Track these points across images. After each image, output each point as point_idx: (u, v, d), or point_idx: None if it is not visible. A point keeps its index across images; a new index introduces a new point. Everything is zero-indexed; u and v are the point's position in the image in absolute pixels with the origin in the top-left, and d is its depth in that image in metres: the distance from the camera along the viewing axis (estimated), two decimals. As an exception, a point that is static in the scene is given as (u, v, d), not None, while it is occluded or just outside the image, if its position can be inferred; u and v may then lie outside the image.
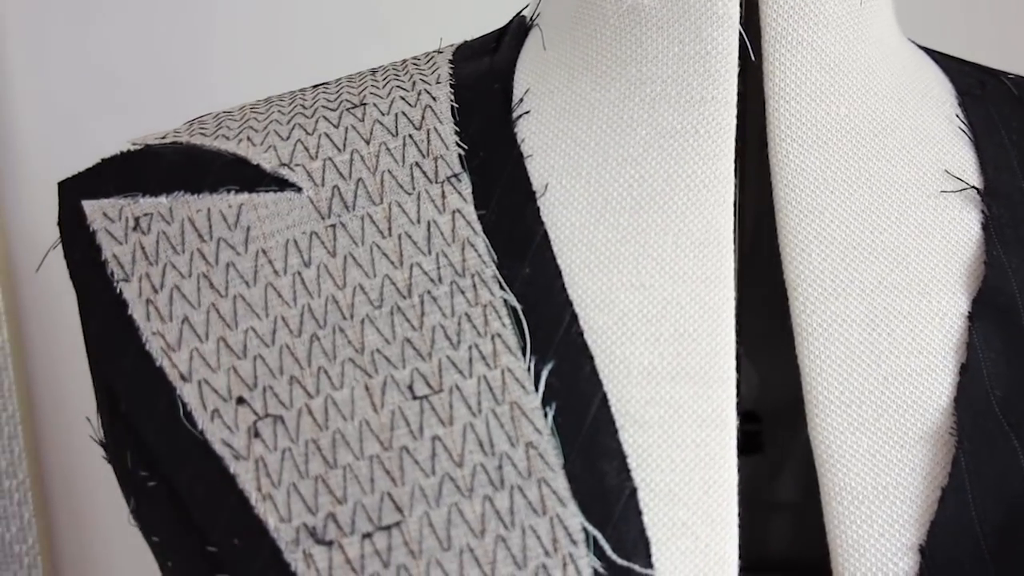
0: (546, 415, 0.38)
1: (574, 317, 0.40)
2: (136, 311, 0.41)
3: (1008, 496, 0.39)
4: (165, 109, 0.61)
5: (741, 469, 0.53)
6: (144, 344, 0.41)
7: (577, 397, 0.38)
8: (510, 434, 0.37)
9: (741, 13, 0.42)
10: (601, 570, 0.36)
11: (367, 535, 0.37)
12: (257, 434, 0.39)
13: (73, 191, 0.44)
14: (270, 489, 0.38)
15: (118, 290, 0.42)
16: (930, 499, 0.39)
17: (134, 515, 0.43)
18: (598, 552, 0.36)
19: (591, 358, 0.39)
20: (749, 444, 0.56)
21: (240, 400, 0.39)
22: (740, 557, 0.39)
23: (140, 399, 0.41)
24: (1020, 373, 0.41)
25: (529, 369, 0.38)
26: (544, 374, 0.38)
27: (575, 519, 0.36)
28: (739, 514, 0.52)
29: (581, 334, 0.39)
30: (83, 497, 1.00)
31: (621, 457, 0.38)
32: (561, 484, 0.37)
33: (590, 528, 0.36)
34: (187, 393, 0.40)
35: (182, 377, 0.40)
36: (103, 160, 0.45)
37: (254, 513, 0.38)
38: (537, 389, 0.38)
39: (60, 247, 0.44)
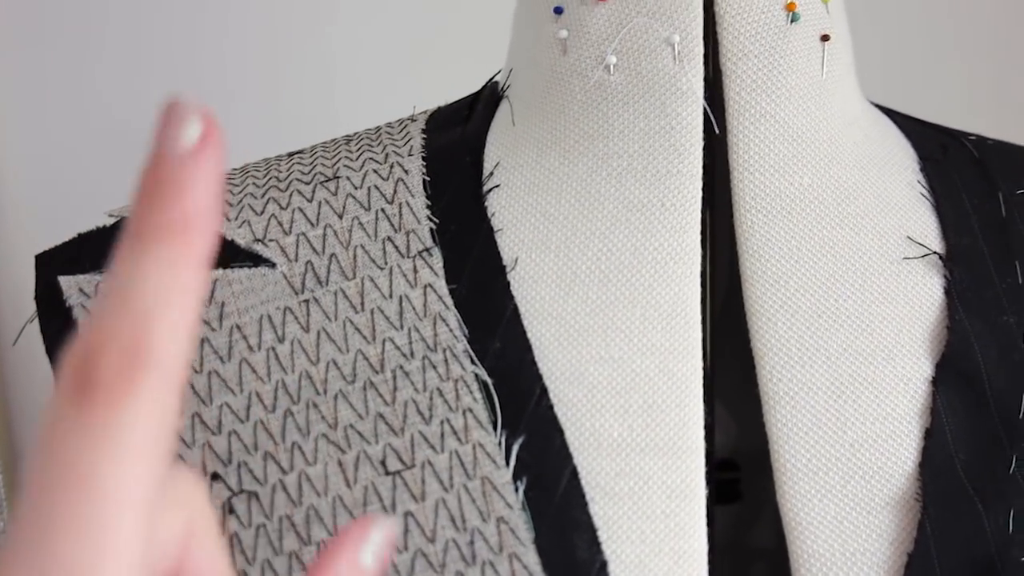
0: (517, 489, 0.38)
1: (544, 391, 0.40)
2: None
3: (973, 560, 0.40)
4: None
5: (721, 517, 0.54)
6: None
7: (548, 471, 0.39)
8: (482, 509, 0.38)
9: (705, 88, 0.42)
10: None
11: None
12: (232, 510, 0.39)
13: (49, 266, 0.45)
14: (244, 565, 0.38)
15: None
16: (897, 564, 0.40)
17: None
18: None
19: (561, 431, 0.40)
20: (729, 492, 0.56)
21: (215, 476, 0.40)
22: None
23: None
24: (983, 437, 0.42)
25: (500, 444, 0.39)
26: (515, 449, 0.39)
27: None
28: (719, 561, 0.52)
29: (551, 407, 0.40)
30: None
31: (592, 530, 0.39)
32: (532, 559, 0.37)
33: None
34: None
35: None
36: (80, 235, 0.46)
37: None
38: (508, 464, 0.39)
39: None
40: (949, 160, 0.48)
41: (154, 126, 0.21)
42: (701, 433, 0.41)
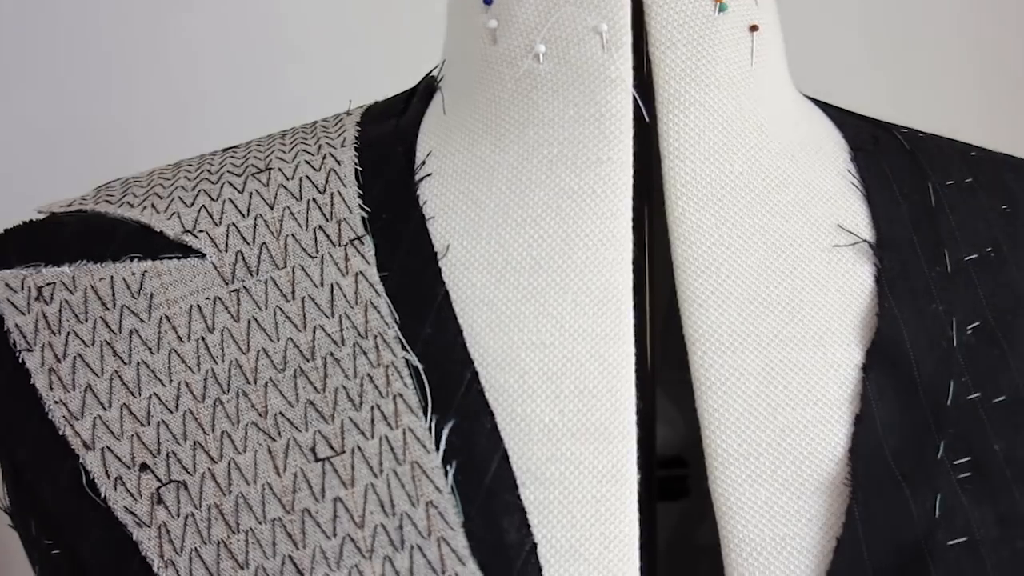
0: (447, 474, 0.38)
1: (475, 375, 0.40)
2: (38, 380, 0.41)
3: (900, 545, 0.40)
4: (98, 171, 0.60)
5: (669, 514, 0.54)
6: (47, 413, 0.41)
7: (478, 454, 0.39)
8: (411, 494, 0.38)
9: (635, 77, 0.43)
10: None
11: None
12: (160, 500, 0.39)
13: None
14: (172, 555, 0.38)
15: (20, 360, 0.42)
16: (826, 549, 0.40)
17: None
18: None
19: (492, 415, 0.40)
20: (677, 489, 0.56)
21: (143, 467, 0.39)
22: None
23: (42, 468, 0.41)
24: (912, 423, 0.42)
25: (430, 428, 0.39)
26: (445, 432, 0.39)
27: None
28: (665, 559, 0.52)
29: (482, 392, 0.40)
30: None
31: (521, 513, 0.38)
32: (460, 542, 0.37)
33: None
34: (90, 461, 0.40)
35: (85, 445, 0.40)
36: (6, 230, 0.45)
37: None
38: (438, 448, 0.38)
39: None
40: (880, 150, 0.49)
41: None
42: (632, 418, 0.41)
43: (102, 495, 0.39)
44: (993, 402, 0.44)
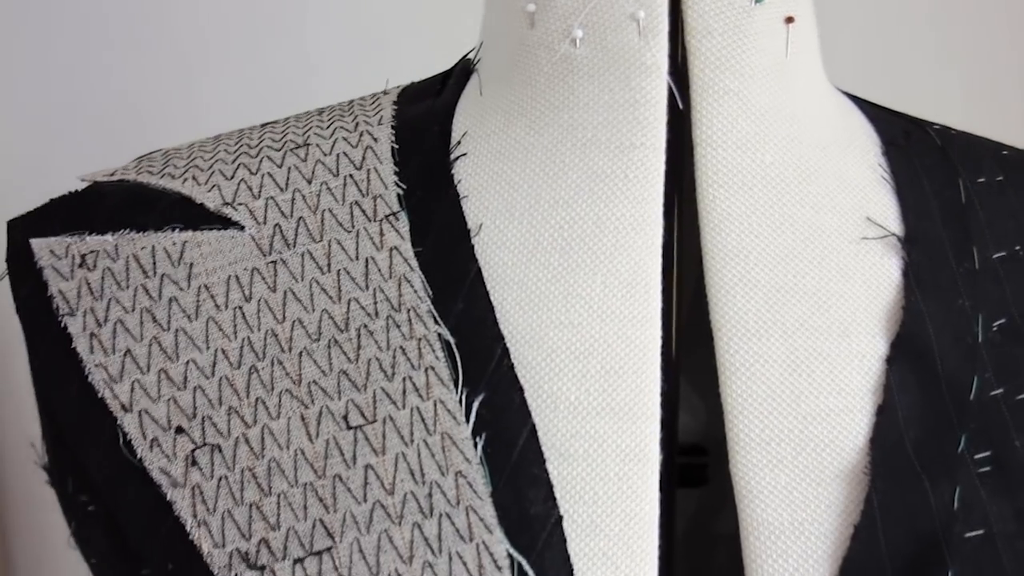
0: (476, 445, 0.39)
1: (505, 351, 0.41)
2: (80, 344, 0.42)
3: (918, 535, 0.41)
4: (132, 145, 0.62)
5: (688, 501, 0.54)
6: (87, 376, 0.42)
7: (507, 428, 0.40)
8: (440, 463, 0.39)
9: (671, 64, 0.43)
10: None
11: (298, 560, 0.38)
12: (194, 462, 0.40)
13: (21, 229, 0.45)
14: (205, 516, 0.39)
15: (63, 324, 0.43)
16: (843, 536, 0.41)
17: (74, 537, 0.44)
18: None
19: (521, 390, 0.40)
20: (696, 476, 0.57)
21: (179, 430, 0.41)
22: None
23: (82, 428, 0.42)
24: (933, 416, 0.43)
25: (461, 401, 0.40)
26: (475, 405, 0.40)
27: (500, 546, 0.38)
28: (682, 546, 0.53)
29: (512, 367, 0.41)
30: (37, 493, 1.00)
31: (548, 487, 0.39)
32: (488, 512, 0.38)
33: (515, 555, 0.38)
34: (127, 423, 0.41)
35: (123, 407, 0.41)
36: (52, 199, 0.46)
37: (189, 539, 0.39)
38: (468, 420, 0.39)
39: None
40: (911, 146, 0.49)
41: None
42: (657, 399, 0.42)
43: (138, 456, 0.40)
44: (1016, 399, 0.44)
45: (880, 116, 0.51)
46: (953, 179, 0.49)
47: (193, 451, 0.40)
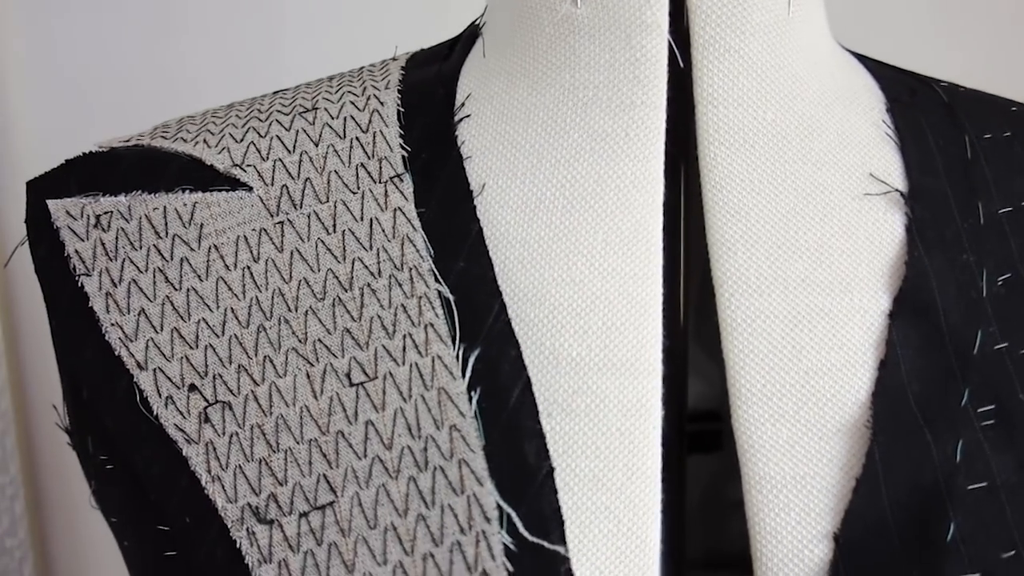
0: (471, 399, 0.40)
1: (503, 307, 0.41)
2: (96, 303, 0.43)
3: (920, 488, 0.41)
4: (159, 111, 0.62)
5: (701, 469, 0.55)
6: (104, 335, 0.43)
7: (501, 382, 0.40)
8: (436, 418, 0.39)
9: (671, 22, 0.44)
10: (512, 547, 0.38)
11: (304, 514, 0.39)
12: (207, 419, 0.41)
13: (39, 191, 0.46)
14: (219, 471, 0.40)
15: (80, 284, 0.44)
16: (845, 489, 0.41)
17: (95, 496, 0.45)
18: (511, 529, 0.38)
19: (517, 345, 0.41)
20: (710, 443, 0.57)
21: (192, 387, 0.41)
22: (690, 552, 0.41)
23: (100, 387, 0.43)
24: (936, 370, 0.43)
25: (457, 356, 0.40)
26: (471, 360, 0.40)
27: (490, 497, 0.38)
28: (696, 514, 0.53)
29: (508, 323, 0.41)
30: (75, 491, 1.02)
31: (541, 439, 0.40)
32: (479, 464, 0.39)
33: (504, 506, 0.38)
34: (143, 381, 0.42)
35: (138, 366, 0.42)
36: (67, 161, 0.47)
37: (204, 493, 0.40)
38: (464, 375, 0.40)
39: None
40: (917, 102, 0.49)
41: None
42: (658, 355, 0.42)
43: (154, 413, 0.41)
44: (1020, 352, 0.44)
45: (885, 73, 0.51)
46: (959, 135, 0.48)
47: (205, 408, 0.41)
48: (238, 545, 0.39)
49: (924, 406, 0.42)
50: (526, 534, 0.38)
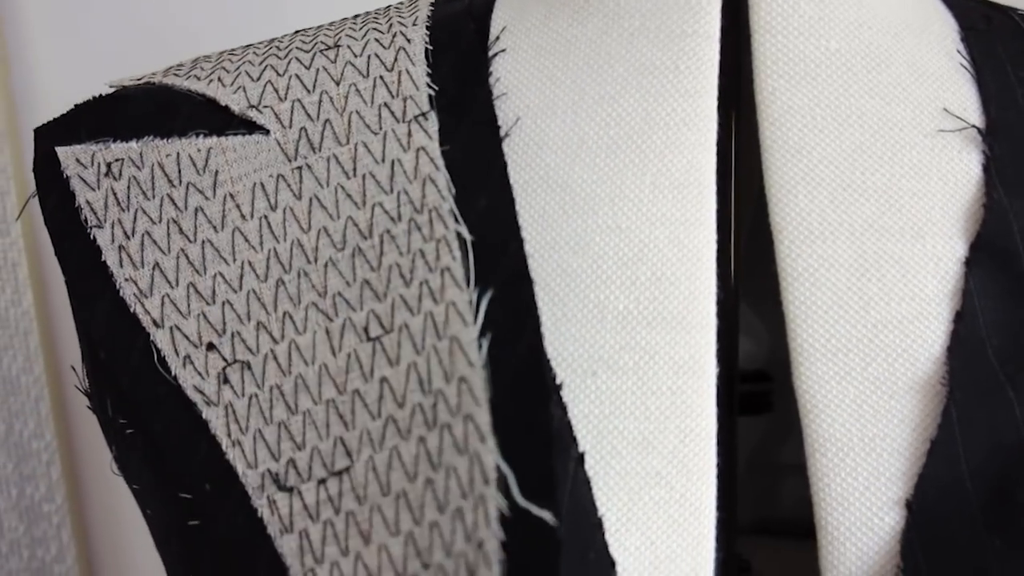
0: (481, 347, 0.36)
1: (520, 243, 0.38)
2: (109, 257, 0.41)
3: (1001, 450, 0.38)
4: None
5: (749, 431, 0.52)
6: (118, 290, 0.41)
7: (512, 326, 0.37)
8: (447, 370, 0.36)
9: (724, -59, 0.40)
10: (506, 512, 0.34)
11: (321, 481, 0.36)
12: (226, 380, 0.38)
13: (47, 138, 0.44)
14: (239, 435, 0.38)
15: (92, 236, 0.41)
16: (918, 452, 0.38)
17: (116, 462, 0.43)
18: (507, 493, 0.34)
19: (531, 283, 0.37)
20: (759, 403, 0.54)
21: (210, 346, 0.39)
22: (738, 517, 0.38)
23: (116, 345, 0.40)
24: (1017, 322, 0.39)
25: (471, 301, 0.37)
26: (483, 304, 0.37)
27: (490, 456, 0.34)
28: (747, 477, 0.50)
29: (524, 259, 0.38)
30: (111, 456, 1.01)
31: (552, 391, 0.36)
32: (483, 419, 0.35)
33: (503, 465, 0.34)
34: (160, 339, 0.39)
35: (154, 323, 0.40)
36: (76, 106, 0.45)
37: (225, 459, 0.38)
38: (476, 321, 0.36)
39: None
40: (993, 30, 0.45)
41: None
42: (712, 308, 0.39)
43: (172, 373, 0.39)
44: None
45: (957, 0, 0.47)
46: None
47: (224, 368, 0.39)
48: (259, 514, 0.37)
49: (1005, 360, 0.39)
50: (519, 498, 0.34)
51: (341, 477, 0.36)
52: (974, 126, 0.42)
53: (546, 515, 0.34)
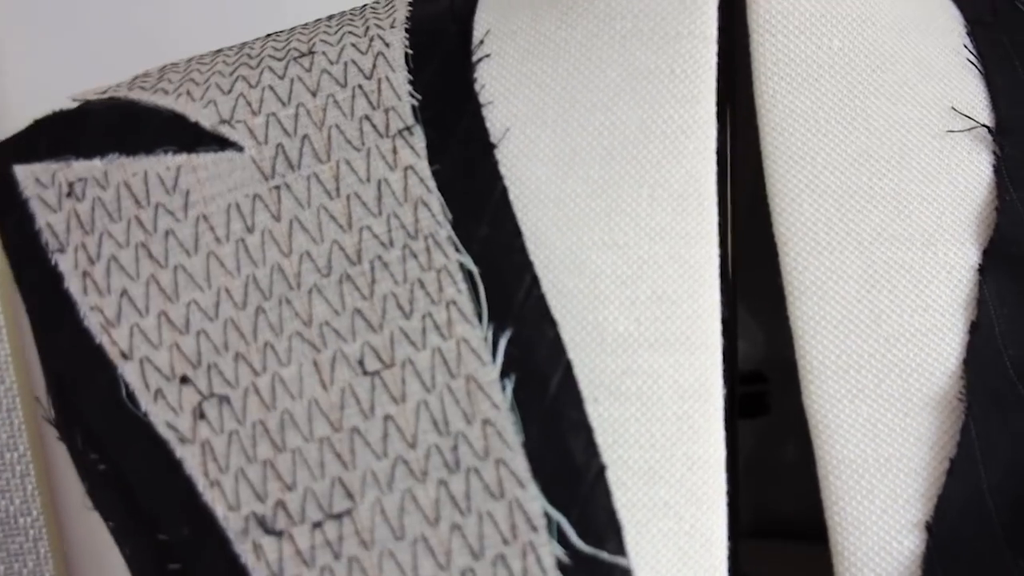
0: (504, 388, 0.35)
1: (535, 280, 0.36)
2: (72, 284, 0.39)
3: (1021, 465, 0.36)
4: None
5: (747, 433, 0.51)
6: (82, 320, 0.38)
7: (539, 367, 0.35)
8: (466, 411, 0.34)
9: (720, -62, 0.38)
10: (564, 559, 0.33)
11: (317, 524, 0.34)
12: (203, 415, 0.36)
13: (4, 155, 0.42)
14: (217, 475, 0.36)
15: (53, 262, 0.39)
16: (937, 471, 0.36)
17: (89, 497, 0.41)
18: (561, 539, 0.33)
19: (554, 324, 0.36)
20: (755, 406, 0.53)
21: (184, 379, 0.37)
22: (739, 526, 0.36)
23: (80, 379, 0.38)
24: None
25: (486, 338, 0.35)
26: (502, 343, 0.35)
27: (535, 503, 0.33)
28: (741, 481, 0.49)
29: (542, 297, 0.36)
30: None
31: (588, 432, 0.35)
32: (520, 464, 0.34)
33: (552, 512, 0.33)
34: (128, 372, 0.37)
35: (123, 355, 0.38)
36: (35, 121, 0.43)
37: (202, 501, 0.36)
38: (495, 360, 0.35)
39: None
40: (1000, 23, 0.44)
41: None
42: (717, 327, 0.37)
43: (142, 409, 0.37)
44: None
45: (962, -9, 0.45)
46: None
47: (200, 403, 0.36)
48: (242, 560, 0.35)
49: (1023, 372, 0.37)
50: (580, 544, 0.33)
51: (341, 520, 0.34)
52: (984, 125, 0.40)
53: (620, 559, 0.34)
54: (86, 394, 0.38)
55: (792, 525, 0.56)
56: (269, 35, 0.45)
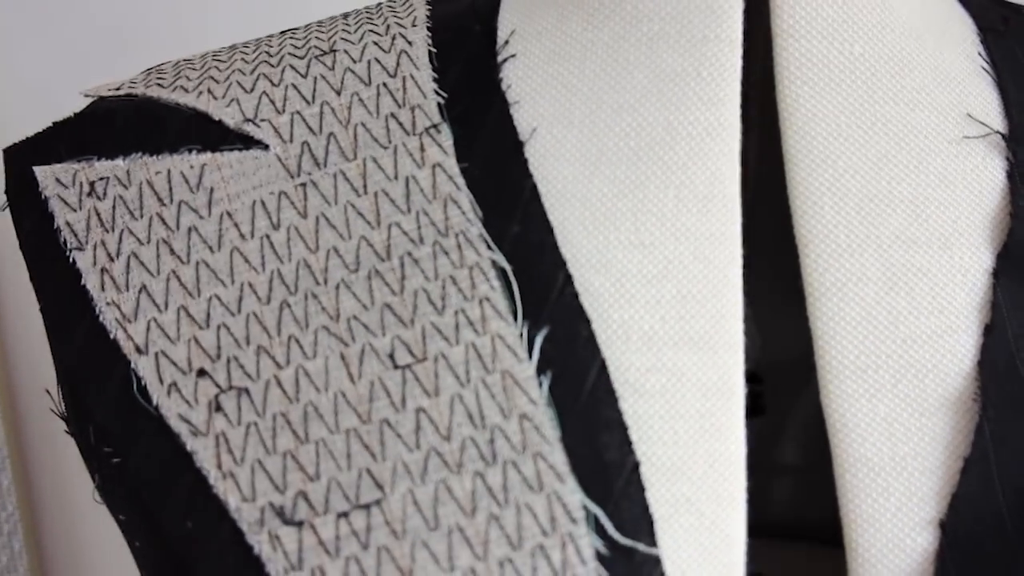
0: (541, 385, 0.35)
1: (568, 278, 0.36)
2: (90, 280, 0.39)
3: None
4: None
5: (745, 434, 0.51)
6: (98, 316, 0.38)
7: (574, 365, 0.36)
8: (502, 405, 0.35)
9: (745, -56, 0.38)
10: (603, 550, 0.33)
11: (343, 514, 0.34)
12: (219, 408, 0.36)
13: (22, 157, 0.41)
14: (232, 466, 0.35)
15: (71, 260, 0.39)
16: (951, 470, 0.37)
17: (99, 492, 0.41)
18: (599, 531, 0.34)
19: (588, 322, 0.36)
20: (752, 407, 0.53)
21: (201, 372, 0.37)
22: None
23: (90, 375, 0.38)
24: None
25: (521, 335, 0.35)
26: (538, 341, 0.35)
27: (575, 496, 0.34)
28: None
29: (576, 296, 0.36)
30: (66, 461, 0.98)
31: (623, 429, 0.35)
32: (559, 458, 0.34)
33: (591, 505, 0.34)
34: (142, 366, 0.37)
35: (137, 349, 0.37)
36: (55, 123, 0.42)
37: (212, 492, 0.35)
38: (531, 357, 0.35)
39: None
40: (1011, 32, 0.44)
41: None
42: (740, 327, 0.37)
43: (154, 403, 0.37)
44: None
45: (973, 1, 0.46)
46: None
47: (217, 395, 0.36)
48: (256, 551, 0.34)
49: None
50: (618, 536, 0.34)
51: (370, 510, 0.34)
52: (998, 131, 0.41)
53: (655, 551, 0.34)
54: (94, 390, 0.38)
55: (781, 525, 0.56)
56: (284, 32, 0.45)
